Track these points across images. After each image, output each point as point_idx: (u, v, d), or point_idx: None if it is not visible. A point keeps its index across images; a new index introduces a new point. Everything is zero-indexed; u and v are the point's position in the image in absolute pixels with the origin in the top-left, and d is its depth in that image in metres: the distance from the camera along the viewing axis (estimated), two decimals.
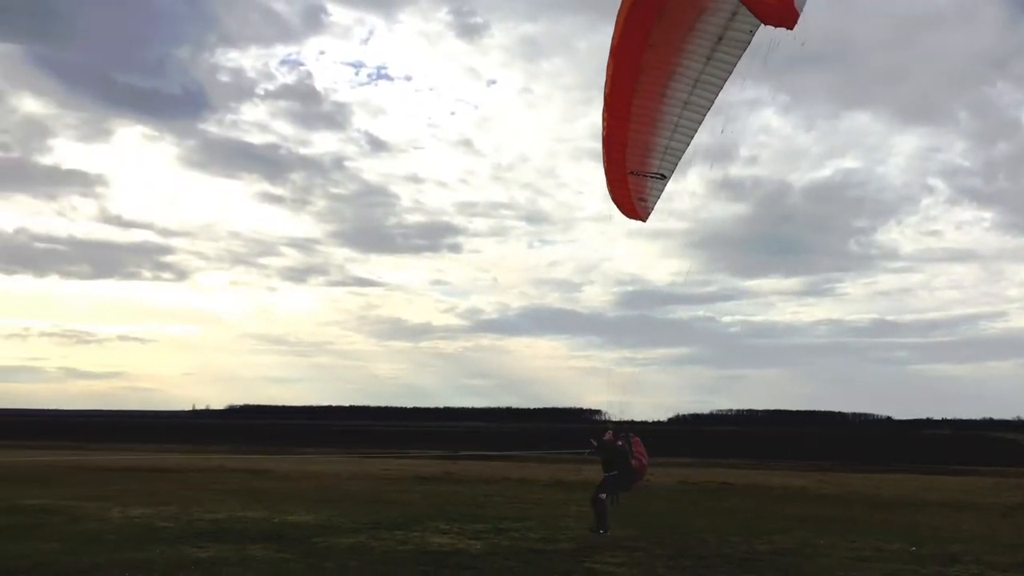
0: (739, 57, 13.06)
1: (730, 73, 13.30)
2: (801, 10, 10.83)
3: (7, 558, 14.91)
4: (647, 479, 20.57)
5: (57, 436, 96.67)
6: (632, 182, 14.53)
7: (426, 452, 61.80)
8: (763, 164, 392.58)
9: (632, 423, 18.80)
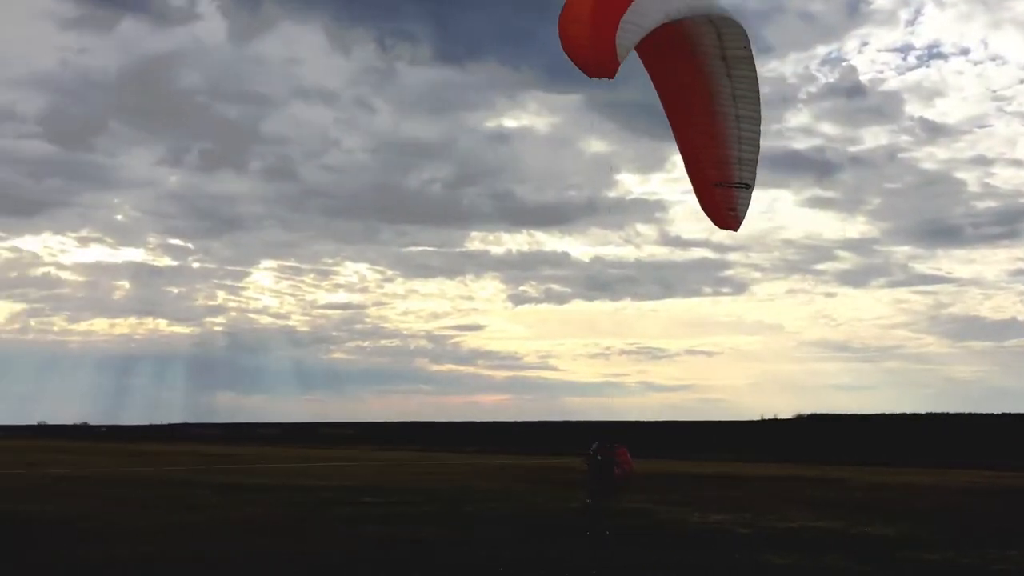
0: (752, 70, 13.81)
1: (756, 84, 13.96)
2: (622, 60, 10.77)
3: (600, 559, 16.74)
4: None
5: (641, 444, 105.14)
6: (720, 194, 14.81)
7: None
8: None
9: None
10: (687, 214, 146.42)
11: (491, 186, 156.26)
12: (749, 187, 14.77)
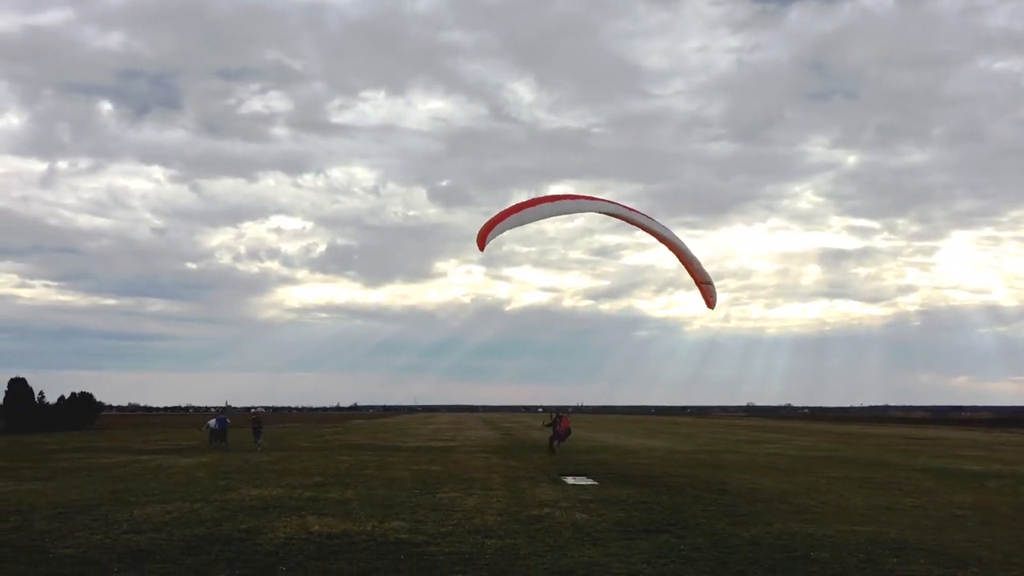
0: (648, 217, 25.11)
1: (663, 227, 25.07)
2: (488, 242, 20.53)
3: None
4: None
5: None
6: (704, 288, 25.98)
7: None
8: None
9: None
10: None
11: None
12: (712, 284, 25.93)
